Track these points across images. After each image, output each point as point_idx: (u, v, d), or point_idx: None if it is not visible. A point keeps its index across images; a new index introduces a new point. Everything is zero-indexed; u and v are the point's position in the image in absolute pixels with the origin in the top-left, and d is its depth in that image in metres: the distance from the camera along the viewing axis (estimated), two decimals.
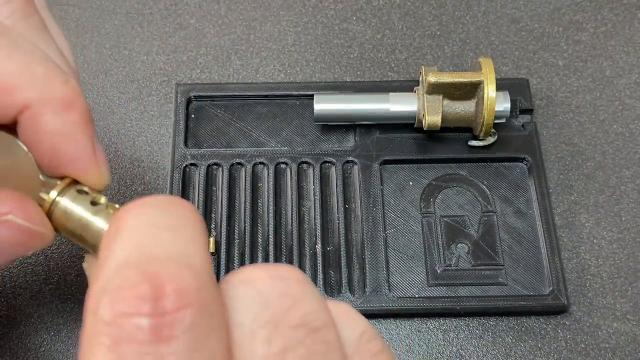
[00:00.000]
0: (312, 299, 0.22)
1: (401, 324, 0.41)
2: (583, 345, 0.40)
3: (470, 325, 0.41)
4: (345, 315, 0.23)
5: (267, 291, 0.21)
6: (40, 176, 0.27)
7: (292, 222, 0.43)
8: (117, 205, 0.27)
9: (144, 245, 0.21)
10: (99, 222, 0.26)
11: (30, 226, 0.26)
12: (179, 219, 0.22)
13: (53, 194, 0.26)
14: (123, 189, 0.44)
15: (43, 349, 0.40)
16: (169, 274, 0.20)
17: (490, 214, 0.43)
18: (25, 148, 0.26)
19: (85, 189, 0.27)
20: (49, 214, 0.26)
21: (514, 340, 0.40)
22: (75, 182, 0.27)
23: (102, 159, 0.28)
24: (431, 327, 0.41)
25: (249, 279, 0.22)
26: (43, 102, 0.26)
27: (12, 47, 0.26)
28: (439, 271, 0.41)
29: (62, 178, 0.27)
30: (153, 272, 0.20)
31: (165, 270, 0.20)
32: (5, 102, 0.26)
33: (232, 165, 0.44)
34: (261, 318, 0.21)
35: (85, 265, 0.27)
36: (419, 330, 0.41)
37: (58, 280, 0.42)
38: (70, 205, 0.26)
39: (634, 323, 0.41)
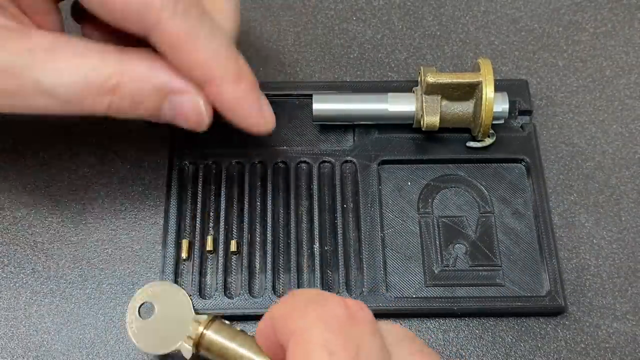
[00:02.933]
0: None
1: (400, 324, 0.41)
2: (583, 346, 0.40)
3: (470, 325, 0.41)
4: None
5: None
6: (192, 312, 0.38)
7: (290, 222, 0.43)
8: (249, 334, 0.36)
9: None
10: (235, 346, 0.35)
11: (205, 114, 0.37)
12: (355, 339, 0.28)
13: (201, 328, 0.36)
14: (123, 189, 0.44)
15: (43, 348, 0.40)
16: None
17: (488, 214, 0.43)
18: (185, 295, 0.39)
19: (226, 322, 0.37)
20: (199, 340, 0.36)
21: (514, 341, 0.40)
22: (217, 318, 0.37)
23: (267, 110, 0.38)
24: (431, 327, 0.41)
25: None
26: (223, 78, 0.35)
27: (210, 35, 0.35)
28: (436, 272, 0.41)
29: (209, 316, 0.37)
30: None
31: None
32: (200, 78, 0.35)
33: (231, 164, 0.44)
34: None
35: None
36: (418, 330, 0.41)
37: (58, 280, 0.42)
38: (214, 335, 0.36)
39: (634, 323, 0.41)
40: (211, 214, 0.43)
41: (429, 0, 0.51)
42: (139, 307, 0.38)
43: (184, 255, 0.42)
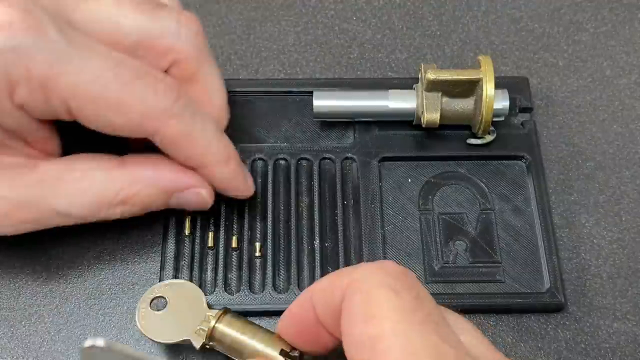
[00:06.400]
0: None
1: None
2: (583, 345, 0.40)
3: None
4: None
5: None
6: (206, 308, 0.38)
7: (290, 218, 0.42)
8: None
9: None
10: (246, 338, 0.36)
11: (209, 200, 0.40)
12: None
13: (213, 321, 0.36)
14: None
15: (43, 349, 0.40)
16: None
17: (488, 211, 0.43)
18: (200, 291, 0.39)
19: (239, 315, 0.37)
20: (210, 332, 0.36)
21: (514, 340, 0.40)
22: (228, 310, 0.37)
23: (249, 180, 0.41)
24: None
25: None
26: (215, 163, 0.38)
27: (202, 130, 0.37)
28: (436, 268, 0.41)
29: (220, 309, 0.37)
30: None
31: None
32: (195, 165, 0.38)
33: None
34: None
35: None
36: None
37: (58, 280, 0.41)
38: (226, 327, 0.36)
39: (634, 323, 0.41)
40: (212, 210, 0.43)
41: (429, 0, 0.52)
42: (152, 300, 0.38)
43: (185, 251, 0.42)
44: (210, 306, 0.38)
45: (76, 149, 0.39)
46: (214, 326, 0.36)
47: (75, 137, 0.39)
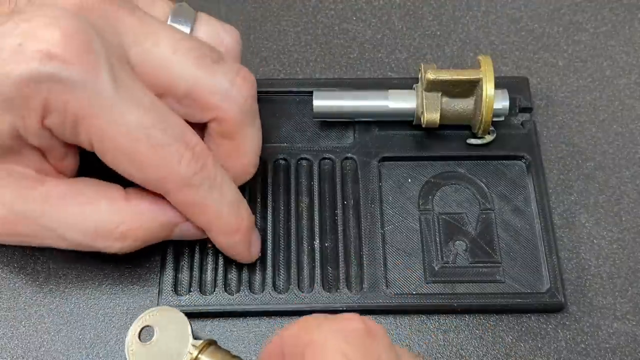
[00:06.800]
0: None
1: (401, 324, 0.41)
2: (583, 346, 0.40)
3: (470, 325, 0.41)
4: None
5: None
6: (191, 338, 0.38)
7: (290, 218, 0.42)
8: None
9: None
10: None
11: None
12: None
13: (196, 352, 0.37)
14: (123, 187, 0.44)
15: (43, 349, 0.40)
16: None
17: (488, 211, 0.43)
18: (185, 320, 0.38)
19: (222, 347, 0.38)
20: None
21: (514, 340, 0.40)
22: (213, 342, 0.37)
23: (254, 249, 0.40)
24: (431, 327, 0.41)
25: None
26: (219, 231, 0.38)
27: (219, 200, 0.37)
28: (436, 268, 0.41)
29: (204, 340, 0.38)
30: None
31: None
32: (202, 227, 0.38)
33: None
34: None
35: None
36: (419, 330, 0.40)
37: (58, 280, 0.41)
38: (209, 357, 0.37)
39: (634, 323, 0.41)
40: None
41: (429, 0, 0.52)
42: (140, 331, 0.38)
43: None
44: (195, 337, 0.38)
45: (84, 166, 0.39)
46: (197, 357, 0.37)
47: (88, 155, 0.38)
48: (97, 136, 0.34)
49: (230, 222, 0.38)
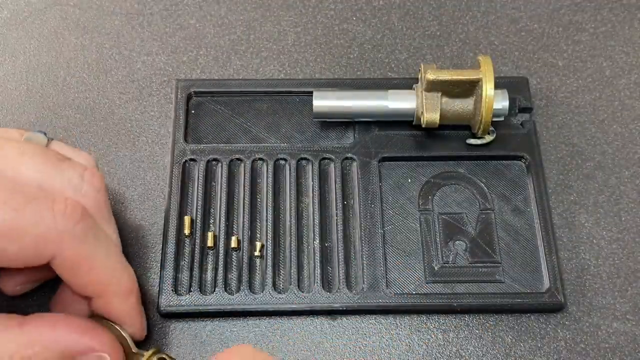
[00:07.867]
0: None
1: (401, 324, 0.41)
2: (583, 345, 0.40)
3: (470, 325, 0.41)
4: None
5: None
6: (133, 349, 0.37)
7: (290, 218, 0.42)
8: None
9: None
10: None
11: None
12: None
13: None
14: (123, 189, 0.44)
15: None
16: None
17: (488, 211, 0.43)
18: (120, 330, 0.37)
19: (164, 356, 0.37)
20: None
21: (514, 340, 0.40)
22: (158, 351, 0.37)
23: (144, 320, 0.39)
24: (431, 327, 0.41)
25: None
26: (115, 294, 0.37)
27: (106, 255, 0.36)
28: (436, 268, 0.41)
29: (149, 350, 0.37)
30: None
31: None
32: (93, 294, 0.36)
33: (232, 160, 0.44)
34: None
35: None
36: (418, 330, 0.41)
37: (58, 280, 0.41)
38: None
39: (634, 323, 0.41)
40: (212, 210, 0.43)
41: (429, 0, 0.52)
42: None
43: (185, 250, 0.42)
44: (138, 346, 0.38)
45: None
46: None
47: None
48: None
49: (123, 281, 0.37)
